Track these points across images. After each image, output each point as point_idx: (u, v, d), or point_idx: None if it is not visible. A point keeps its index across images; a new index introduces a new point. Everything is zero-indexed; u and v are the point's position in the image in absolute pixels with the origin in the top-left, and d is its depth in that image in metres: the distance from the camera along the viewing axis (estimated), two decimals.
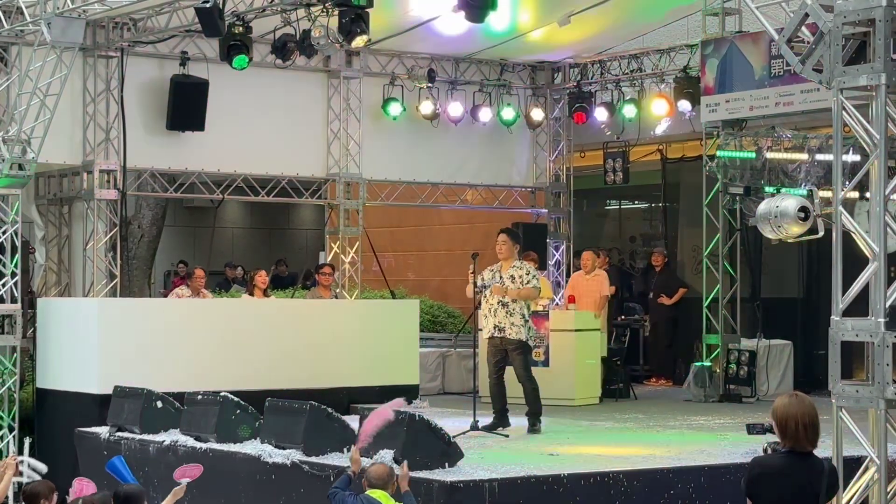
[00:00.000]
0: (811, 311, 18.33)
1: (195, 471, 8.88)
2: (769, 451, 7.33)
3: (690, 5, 17.05)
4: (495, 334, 12.52)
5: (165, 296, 19.16)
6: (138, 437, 12.31)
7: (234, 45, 14.67)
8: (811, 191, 8.52)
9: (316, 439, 10.75)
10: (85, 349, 14.13)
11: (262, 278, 16.36)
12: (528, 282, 12.47)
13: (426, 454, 9.78)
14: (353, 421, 11.00)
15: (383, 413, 8.57)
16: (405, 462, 8.62)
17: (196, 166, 16.81)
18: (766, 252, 18.02)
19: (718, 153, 16.33)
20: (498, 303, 12.48)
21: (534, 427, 12.52)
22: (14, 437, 14.41)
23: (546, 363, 15.51)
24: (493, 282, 12.50)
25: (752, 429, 11.08)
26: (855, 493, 7.36)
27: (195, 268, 16.90)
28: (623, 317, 18.59)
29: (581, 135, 19.58)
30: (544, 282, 17.15)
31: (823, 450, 7.44)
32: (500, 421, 12.53)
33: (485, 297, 12.58)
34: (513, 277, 12.48)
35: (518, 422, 12.66)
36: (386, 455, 9.45)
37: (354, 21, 13.19)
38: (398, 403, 8.77)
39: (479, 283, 12.51)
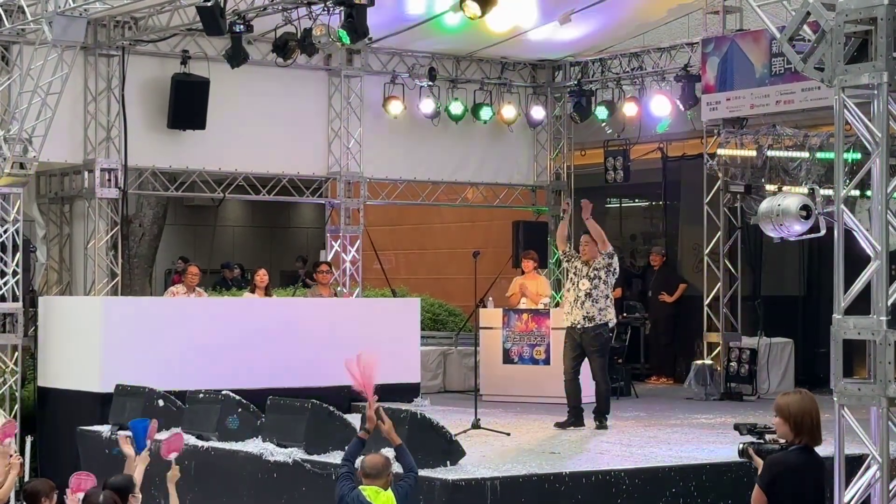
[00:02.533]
0: (812, 309, 18.33)
1: (178, 442, 8.84)
2: (750, 451, 7.32)
3: (691, 3, 17.05)
4: (586, 325, 12.68)
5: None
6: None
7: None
8: (813, 189, 8.52)
9: (317, 437, 10.78)
10: (86, 348, 14.14)
11: (261, 277, 16.37)
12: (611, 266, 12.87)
13: (428, 452, 9.79)
14: (354, 419, 11.01)
15: (358, 366, 8.34)
16: (381, 414, 8.33)
17: (197, 165, 16.82)
18: (767, 250, 18.02)
19: (719, 151, 16.33)
20: (585, 295, 12.69)
21: (601, 424, 12.68)
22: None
23: (547, 361, 15.52)
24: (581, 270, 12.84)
25: (745, 429, 10.97)
26: (857, 492, 7.36)
27: (189, 265, 16.88)
28: (624, 315, 18.59)
29: (581, 133, 19.59)
30: (543, 280, 17.19)
31: (825, 447, 7.47)
32: (576, 420, 12.67)
33: (573, 284, 12.85)
34: (597, 269, 12.81)
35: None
36: (388, 453, 9.44)
37: (356, 20, 13.16)
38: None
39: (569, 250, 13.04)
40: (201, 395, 12.38)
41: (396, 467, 8.29)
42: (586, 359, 12.85)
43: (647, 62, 18.18)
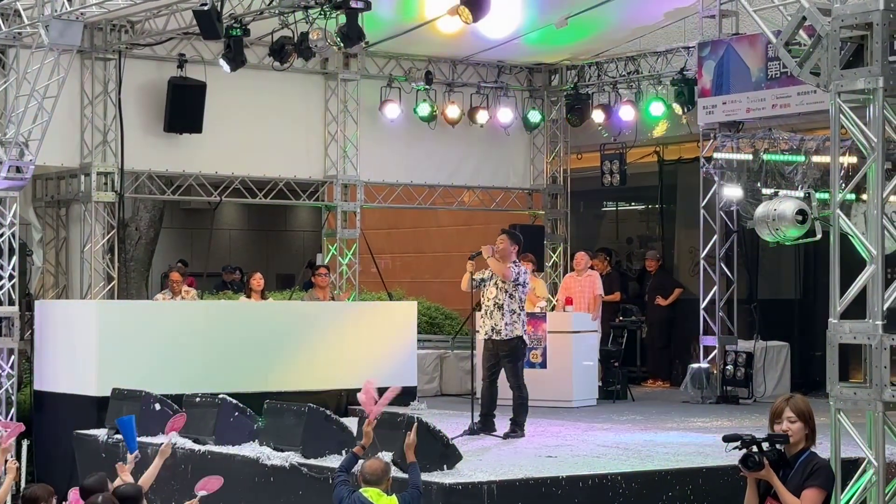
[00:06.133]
0: (808, 313, 18.33)
1: (216, 484, 8.83)
2: (765, 461, 7.27)
3: (688, 7, 17.06)
4: (493, 336, 12.52)
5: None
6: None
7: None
8: (809, 193, 8.53)
9: (314, 441, 10.77)
10: (83, 351, 14.13)
11: (257, 281, 16.39)
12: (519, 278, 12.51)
13: (425, 456, 9.76)
14: (351, 423, 11.02)
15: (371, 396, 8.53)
16: (414, 430, 8.50)
17: (193, 168, 16.83)
18: (763, 254, 18.03)
19: (715, 155, 16.35)
20: (494, 305, 12.51)
21: (514, 433, 12.33)
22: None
23: (543, 365, 15.52)
24: (491, 281, 12.53)
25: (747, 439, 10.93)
26: (853, 496, 7.38)
27: (171, 271, 16.88)
28: (620, 318, 18.61)
29: (578, 136, 19.61)
30: (540, 283, 17.18)
31: (822, 450, 7.48)
32: (485, 424, 12.50)
33: (483, 295, 12.61)
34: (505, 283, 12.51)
35: (527, 425, 12.65)
36: (385, 457, 9.46)
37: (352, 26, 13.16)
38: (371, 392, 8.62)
39: (477, 277, 12.55)
40: (198, 399, 12.37)
41: (394, 471, 8.31)
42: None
43: (644, 66, 18.21)
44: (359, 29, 13.13)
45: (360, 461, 8.41)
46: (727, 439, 7.31)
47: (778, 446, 7.27)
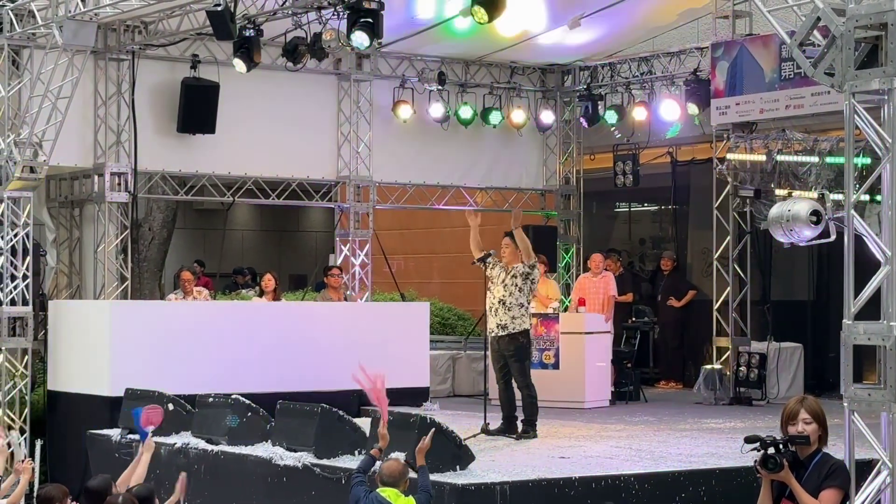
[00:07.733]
0: (821, 314, 18.30)
1: (156, 416, 8.94)
2: (778, 460, 7.26)
3: (701, 8, 17.05)
4: (499, 333, 12.51)
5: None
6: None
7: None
8: (823, 194, 8.52)
9: (327, 442, 10.79)
10: (96, 351, 14.16)
11: (266, 282, 16.38)
12: (530, 276, 12.58)
13: (438, 457, 9.78)
14: (363, 423, 11.03)
15: (374, 390, 8.54)
16: (430, 436, 8.55)
17: (206, 169, 16.85)
18: (776, 255, 18.01)
19: (728, 156, 16.33)
20: (499, 303, 12.52)
21: (526, 434, 12.41)
22: (26, 439, 14.44)
23: (556, 366, 15.52)
24: (498, 278, 12.59)
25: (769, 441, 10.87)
26: (867, 497, 7.34)
27: (182, 270, 16.88)
28: (633, 319, 18.60)
29: (591, 137, 19.60)
30: (553, 283, 17.18)
31: (836, 452, 7.47)
32: (508, 427, 12.53)
33: (490, 292, 12.60)
34: (514, 277, 12.50)
35: (540, 426, 12.64)
36: (398, 457, 9.46)
37: (366, 24, 13.14)
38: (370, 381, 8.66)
39: (482, 254, 12.71)
40: (211, 399, 12.40)
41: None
42: None
43: (657, 66, 18.18)
44: (380, 26, 13.11)
45: (378, 462, 8.43)
46: (749, 440, 7.30)
47: (791, 448, 7.26)
